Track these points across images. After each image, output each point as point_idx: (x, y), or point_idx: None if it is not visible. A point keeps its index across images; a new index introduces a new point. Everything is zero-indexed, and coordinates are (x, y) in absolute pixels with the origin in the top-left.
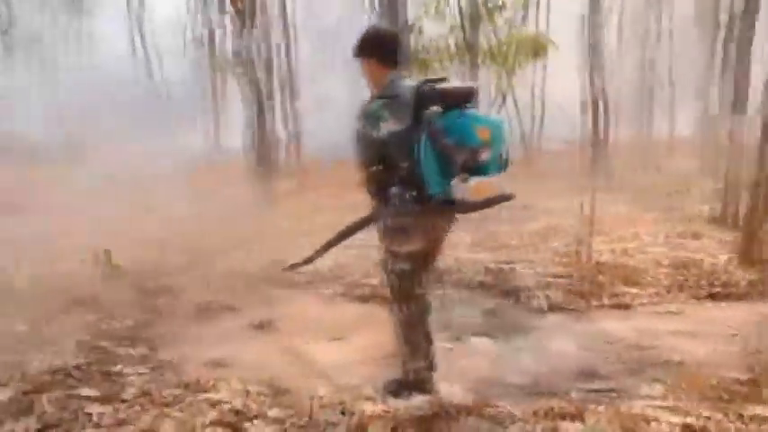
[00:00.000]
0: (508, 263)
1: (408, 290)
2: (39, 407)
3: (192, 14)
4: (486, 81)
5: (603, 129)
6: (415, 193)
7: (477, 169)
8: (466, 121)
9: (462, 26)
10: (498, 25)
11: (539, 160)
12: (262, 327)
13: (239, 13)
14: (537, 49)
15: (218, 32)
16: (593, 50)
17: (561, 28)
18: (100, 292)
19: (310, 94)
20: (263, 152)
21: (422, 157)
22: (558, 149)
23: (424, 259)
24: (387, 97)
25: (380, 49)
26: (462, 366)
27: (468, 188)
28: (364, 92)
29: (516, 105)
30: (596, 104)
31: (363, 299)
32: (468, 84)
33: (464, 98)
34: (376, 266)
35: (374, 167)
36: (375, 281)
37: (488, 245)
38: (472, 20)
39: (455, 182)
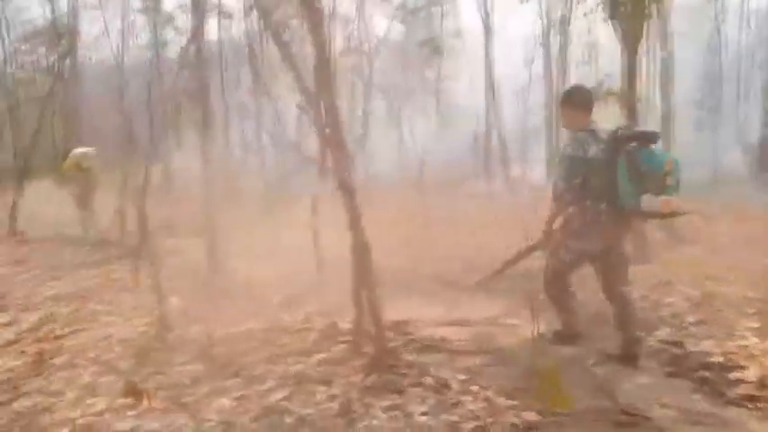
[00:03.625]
0: None
1: (564, 272)
2: None
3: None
4: None
5: None
6: (604, 206)
7: (663, 190)
8: (658, 155)
9: None
10: None
11: None
12: None
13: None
14: None
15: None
16: None
17: None
18: None
19: None
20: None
21: (619, 178)
22: None
23: (603, 259)
24: (591, 131)
25: (583, 100)
26: None
27: (657, 203)
28: None
29: None
30: None
31: None
32: (653, 129)
33: (651, 139)
34: None
35: (576, 182)
36: None
37: None
38: None
39: (644, 197)
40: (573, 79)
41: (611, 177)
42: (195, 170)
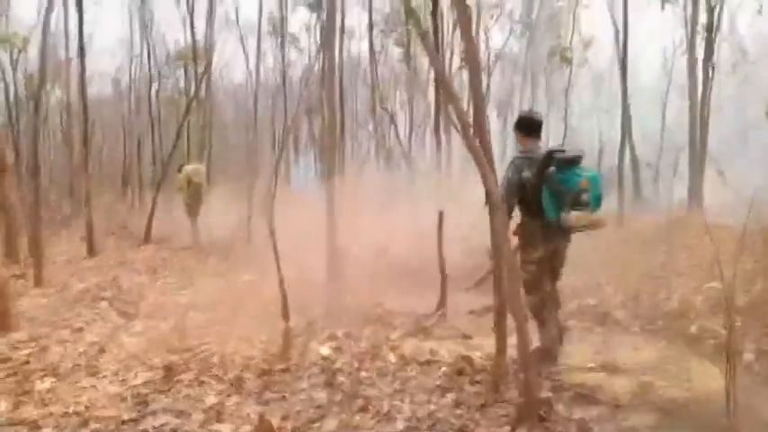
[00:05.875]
0: None
1: (535, 283)
2: None
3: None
4: None
5: None
6: (538, 221)
7: (580, 205)
8: (572, 175)
9: None
10: None
11: None
12: None
13: None
14: None
15: None
16: None
17: None
18: None
19: None
20: None
21: (544, 196)
22: None
23: (548, 264)
24: (527, 157)
25: (525, 125)
26: None
27: (572, 217)
28: None
29: None
30: None
31: None
32: (578, 152)
33: (574, 161)
34: None
35: (515, 203)
36: None
37: None
38: None
39: (564, 213)
40: (717, 88)
41: (538, 196)
42: (315, 181)
